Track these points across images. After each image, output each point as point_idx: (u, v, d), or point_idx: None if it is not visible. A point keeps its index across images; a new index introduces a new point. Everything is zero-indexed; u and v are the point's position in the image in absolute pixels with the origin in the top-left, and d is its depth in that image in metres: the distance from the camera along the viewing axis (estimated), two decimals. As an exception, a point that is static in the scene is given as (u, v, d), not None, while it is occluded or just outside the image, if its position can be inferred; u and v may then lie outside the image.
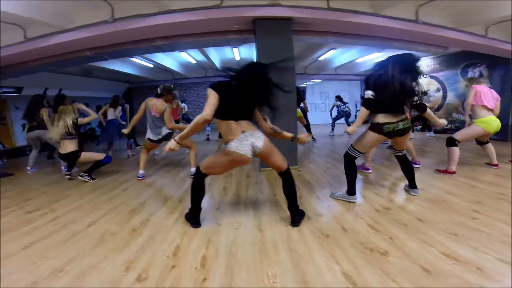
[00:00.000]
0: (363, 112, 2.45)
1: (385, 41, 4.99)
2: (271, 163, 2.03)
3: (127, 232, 2.04)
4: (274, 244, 1.78)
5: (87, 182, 3.50)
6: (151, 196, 2.90)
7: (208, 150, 5.58)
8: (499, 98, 3.46)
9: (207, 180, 2.25)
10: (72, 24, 3.48)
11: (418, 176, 2.74)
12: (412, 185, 2.62)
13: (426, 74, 7.70)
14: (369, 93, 2.37)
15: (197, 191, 2.05)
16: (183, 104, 7.36)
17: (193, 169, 3.53)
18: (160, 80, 10.53)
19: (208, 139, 7.48)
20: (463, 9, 3.92)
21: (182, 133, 1.86)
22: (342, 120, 8.06)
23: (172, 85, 3.85)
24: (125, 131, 3.91)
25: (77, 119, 3.57)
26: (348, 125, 7.74)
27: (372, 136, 2.37)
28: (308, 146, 5.96)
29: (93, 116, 3.84)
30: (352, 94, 11.46)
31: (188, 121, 6.24)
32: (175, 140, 1.86)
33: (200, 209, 2.10)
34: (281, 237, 1.86)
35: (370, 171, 3.57)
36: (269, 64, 1.88)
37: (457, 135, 3.31)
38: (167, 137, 3.52)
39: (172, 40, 4.00)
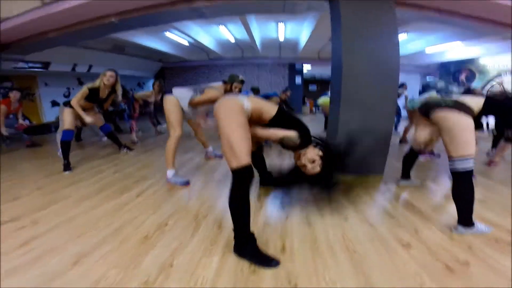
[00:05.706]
0: None
1: (495, 26, 3.55)
2: None
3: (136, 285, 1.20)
4: None
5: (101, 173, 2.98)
6: (174, 212, 1.96)
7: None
8: None
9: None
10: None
11: None
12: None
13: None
14: None
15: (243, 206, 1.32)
16: None
17: (210, 149, 3.45)
18: (194, 60, 9.71)
19: None
20: None
21: None
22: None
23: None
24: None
25: None
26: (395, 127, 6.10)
27: None
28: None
29: None
30: (411, 87, 9.56)
31: None
32: None
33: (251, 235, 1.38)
34: None
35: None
36: None
37: None
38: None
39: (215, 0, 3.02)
